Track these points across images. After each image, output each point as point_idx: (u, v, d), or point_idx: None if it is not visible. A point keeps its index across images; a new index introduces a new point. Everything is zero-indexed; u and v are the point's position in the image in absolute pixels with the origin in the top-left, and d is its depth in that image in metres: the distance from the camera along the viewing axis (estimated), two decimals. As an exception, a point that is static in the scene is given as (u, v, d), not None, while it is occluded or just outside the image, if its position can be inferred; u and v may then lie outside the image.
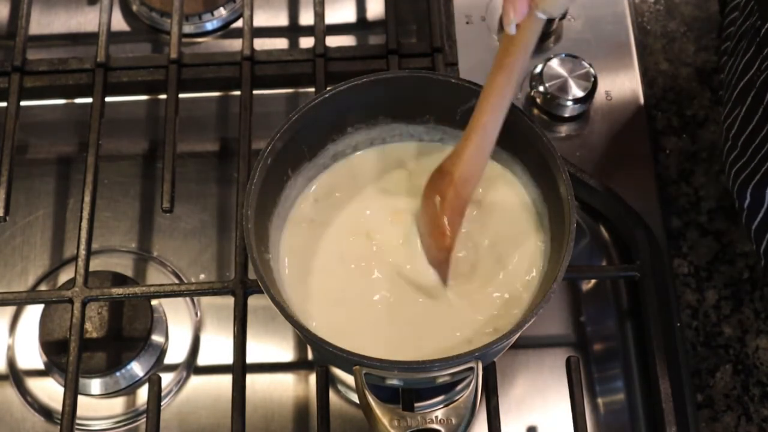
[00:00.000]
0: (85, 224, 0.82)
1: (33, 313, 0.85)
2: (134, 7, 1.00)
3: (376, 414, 0.65)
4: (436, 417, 0.65)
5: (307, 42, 0.98)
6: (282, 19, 1.01)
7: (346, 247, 0.77)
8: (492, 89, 0.71)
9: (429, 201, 0.75)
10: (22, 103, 0.90)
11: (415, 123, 0.80)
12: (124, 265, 0.88)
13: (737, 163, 0.76)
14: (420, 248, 0.76)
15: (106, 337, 0.83)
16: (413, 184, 0.79)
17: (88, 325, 0.82)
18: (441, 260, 0.75)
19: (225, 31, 1.00)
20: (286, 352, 0.86)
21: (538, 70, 0.91)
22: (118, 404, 0.84)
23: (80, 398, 0.77)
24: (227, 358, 0.78)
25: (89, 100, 0.89)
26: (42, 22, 1.00)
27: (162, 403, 0.79)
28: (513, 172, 0.79)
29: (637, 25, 0.97)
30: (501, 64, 0.70)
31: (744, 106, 0.74)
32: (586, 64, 0.90)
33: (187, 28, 0.98)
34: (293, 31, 1.01)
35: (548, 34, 0.95)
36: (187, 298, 0.87)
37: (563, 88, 0.90)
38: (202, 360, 0.86)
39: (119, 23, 0.99)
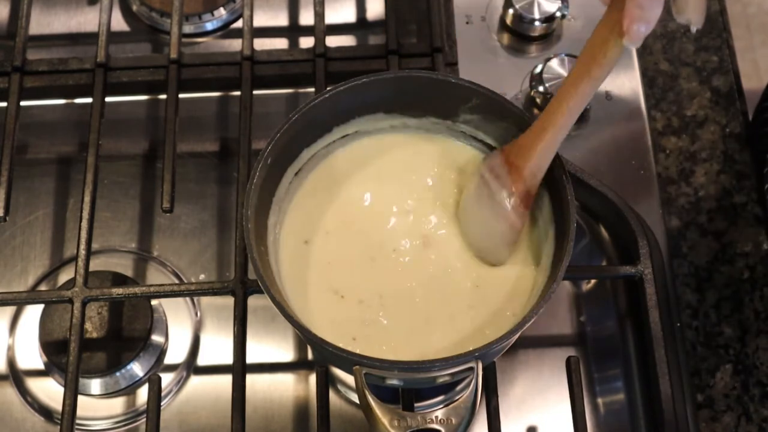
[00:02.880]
0: (85, 224, 0.82)
1: (33, 313, 0.85)
2: (134, 7, 1.00)
3: (376, 414, 0.65)
4: (436, 417, 0.65)
5: (307, 42, 0.98)
6: (282, 19, 1.01)
7: (346, 243, 0.77)
8: (575, 94, 0.70)
9: (489, 190, 0.75)
10: (22, 103, 0.90)
11: (414, 122, 0.80)
12: (124, 265, 0.88)
13: None
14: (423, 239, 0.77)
15: (106, 337, 0.83)
16: (412, 181, 0.79)
17: (88, 325, 0.82)
18: (498, 248, 0.76)
19: (225, 31, 1.00)
20: (286, 352, 0.86)
21: (538, 70, 0.91)
22: (118, 404, 0.84)
23: (80, 398, 0.77)
24: (227, 358, 0.78)
25: (89, 100, 0.89)
26: (42, 22, 1.00)
27: (162, 403, 0.79)
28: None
29: (637, 25, 0.97)
30: (589, 73, 0.68)
31: None
32: (586, 64, 0.90)
33: (187, 28, 0.98)
34: (293, 31, 1.01)
35: (548, 35, 0.95)
36: (187, 298, 0.87)
37: (563, 88, 0.89)
38: (202, 360, 0.86)
39: (119, 23, 0.99)
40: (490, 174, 0.75)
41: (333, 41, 0.93)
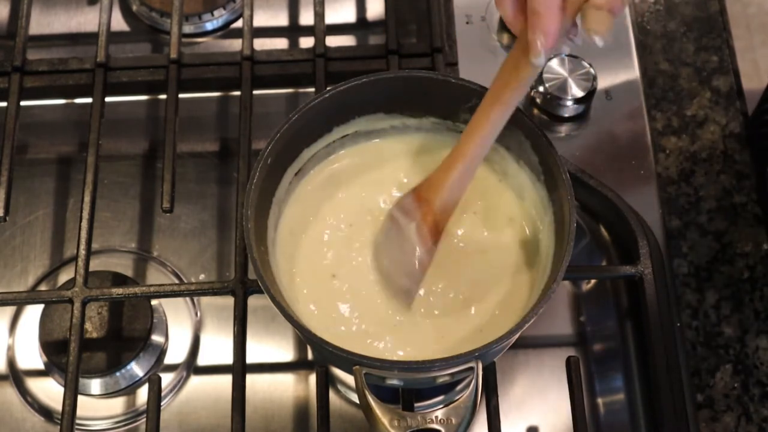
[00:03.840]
0: (85, 224, 0.82)
1: (33, 313, 0.85)
2: (134, 7, 1.00)
3: (376, 414, 0.65)
4: (436, 417, 0.65)
5: (307, 42, 0.98)
6: (282, 19, 1.01)
7: (346, 243, 0.77)
8: (486, 122, 0.69)
9: (398, 227, 0.74)
10: (22, 103, 0.90)
11: (414, 122, 0.80)
12: (124, 265, 0.88)
13: None
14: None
15: (106, 337, 0.83)
16: (412, 181, 0.79)
17: (88, 325, 0.82)
18: (405, 287, 0.74)
19: (225, 31, 1.00)
20: (286, 352, 0.86)
21: (538, 70, 0.91)
22: (118, 404, 0.84)
23: (80, 398, 0.77)
24: (227, 358, 0.78)
25: (89, 100, 0.89)
26: (42, 22, 1.00)
27: (162, 403, 0.79)
28: (514, 174, 0.79)
29: (637, 25, 0.97)
30: (500, 99, 0.68)
31: None
32: (586, 64, 0.90)
33: (187, 28, 0.98)
34: (293, 31, 1.01)
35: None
36: (187, 298, 0.87)
37: (563, 88, 0.90)
38: (202, 360, 0.86)
39: (119, 23, 1.00)
40: (399, 212, 0.74)
41: (333, 41, 0.93)
